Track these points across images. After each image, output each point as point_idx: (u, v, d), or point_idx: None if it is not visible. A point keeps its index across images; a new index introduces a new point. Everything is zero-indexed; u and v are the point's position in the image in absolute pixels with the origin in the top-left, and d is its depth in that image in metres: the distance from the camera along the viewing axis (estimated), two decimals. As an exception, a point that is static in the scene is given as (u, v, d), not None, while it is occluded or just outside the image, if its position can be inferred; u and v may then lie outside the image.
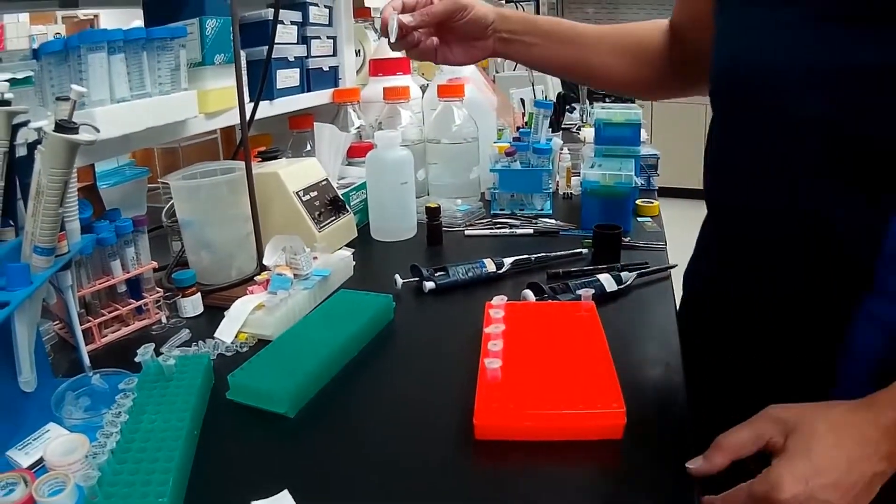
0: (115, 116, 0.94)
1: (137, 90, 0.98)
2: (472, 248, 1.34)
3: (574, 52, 1.06)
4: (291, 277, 1.03)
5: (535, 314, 0.90)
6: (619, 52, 1.05)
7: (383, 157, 1.34)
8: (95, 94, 0.92)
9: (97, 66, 0.91)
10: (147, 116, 0.99)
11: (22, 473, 0.66)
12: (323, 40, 1.54)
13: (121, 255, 1.02)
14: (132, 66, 0.97)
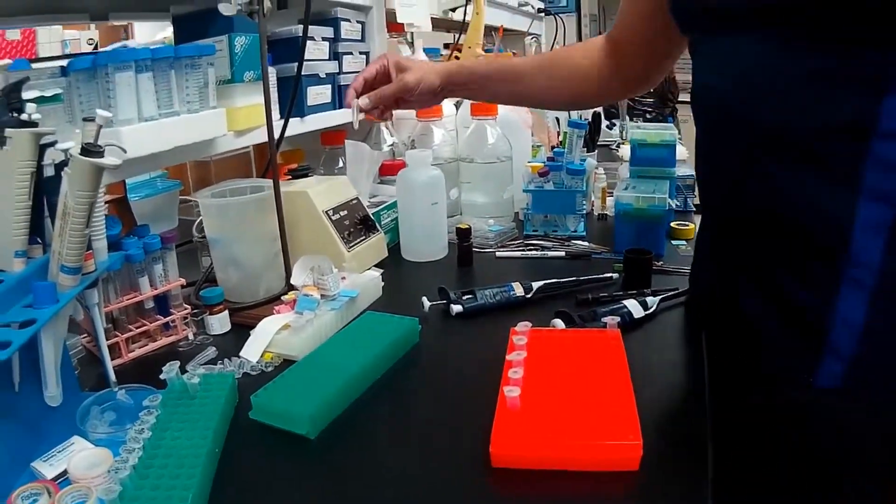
0: (143, 135, 0.99)
1: (166, 108, 1.03)
2: (503, 270, 1.37)
3: (513, 88, 1.21)
4: (318, 298, 1.07)
5: (558, 342, 0.93)
6: (556, 78, 1.18)
7: (414, 176, 1.38)
8: (123, 112, 0.97)
9: (124, 84, 0.96)
10: (175, 135, 1.04)
11: (46, 485, 0.70)
12: (355, 56, 1.59)
13: (149, 272, 1.07)
14: (160, 85, 1.02)
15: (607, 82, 1.15)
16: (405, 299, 1.21)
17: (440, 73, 1.17)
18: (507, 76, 1.20)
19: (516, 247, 1.46)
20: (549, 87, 1.19)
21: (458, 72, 1.20)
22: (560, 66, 1.19)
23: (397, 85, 1.16)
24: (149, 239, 1.06)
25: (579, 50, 1.20)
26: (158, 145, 1.02)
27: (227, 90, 1.19)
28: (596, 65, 1.15)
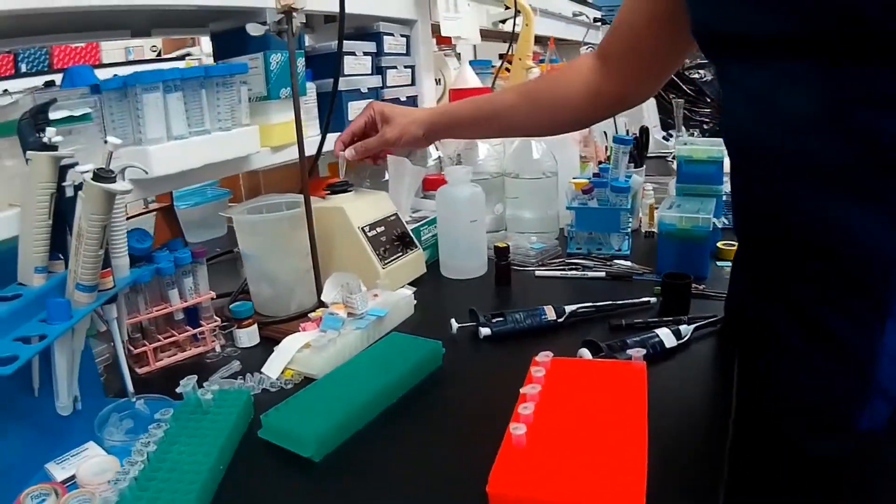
0: (170, 154, 1.00)
1: (196, 127, 1.05)
2: (541, 289, 1.35)
3: (500, 125, 1.24)
4: (343, 317, 1.06)
5: (580, 373, 0.90)
6: (543, 107, 1.19)
7: (453, 193, 1.37)
8: (151, 132, 0.98)
9: (152, 105, 0.98)
10: (204, 153, 1.05)
11: (55, 486, 0.74)
12: (400, 70, 1.59)
13: (178, 285, 1.08)
14: (191, 104, 1.03)
15: (600, 100, 1.13)
16: (437, 318, 1.20)
17: (422, 123, 1.23)
18: (491, 115, 1.22)
19: (557, 266, 1.44)
20: (536, 117, 1.20)
21: (440, 120, 1.25)
22: (544, 94, 1.19)
23: (379, 140, 1.24)
24: (180, 253, 1.07)
25: (566, 72, 1.19)
26: (187, 163, 1.03)
27: (262, 107, 1.20)
28: (586, 85, 1.13)
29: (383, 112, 1.23)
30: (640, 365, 0.89)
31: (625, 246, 1.51)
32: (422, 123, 1.22)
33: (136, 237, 1.06)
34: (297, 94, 1.06)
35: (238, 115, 1.11)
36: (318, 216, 1.23)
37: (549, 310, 1.14)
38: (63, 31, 1.19)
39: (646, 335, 1.03)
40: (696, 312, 1.14)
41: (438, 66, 1.87)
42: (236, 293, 1.27)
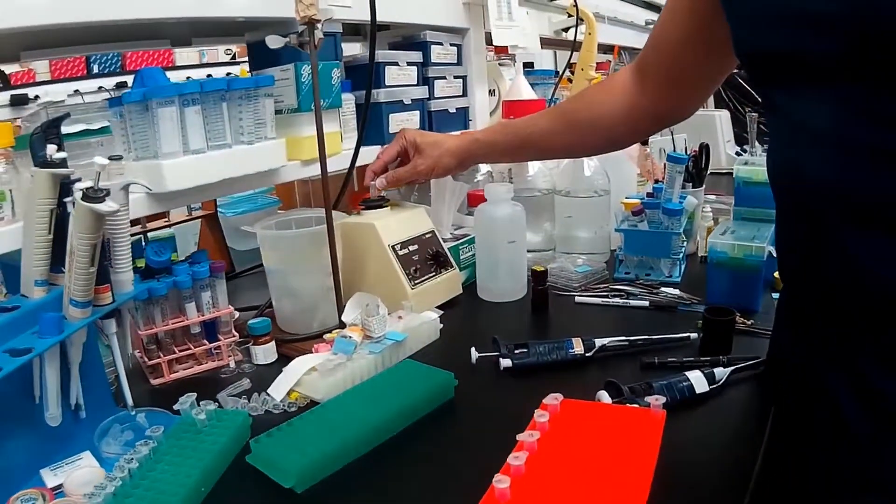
0: (185, 169, 0.99)
1: (216, 140, 1.03)
2: (578, 317, 1.28)
3: (534, 150, 1.24)
4: (356, 341, 1.03)
5: (591, 419, 0.84)
6: (580, 129, 1.17)
7: (492, 212, 1.32)
8: (166, 146, 0.97)
9: (167, 119, 0.96)
10: (223, 167, 1.03)
11: (43, 492, 0.75)
12: (449, 80, 1.55)
13: (196, 299, 1.08)
14: (211, 117, 1.02)
15: (638, 118, 1.10)
16: (462, 344, 1.14)
17: (455, 154, 1.25)
18: (526, 140, 1.21)
19: (600, 292, 1.37)
20: (573, 138, 1.19)
21: (474, 148, 1.26)
22: (581, 115, 1.17)
23: (410, 171, 1.26)
24: (198, 267, 1.06)
25: (601, 90, 1.15)
26: (203, 178, 1.01)
27: (293, 119, 1.18)
28: (622, 102, 1.09)
29: (415, 142, 1.23)
30: (660, 413, 0.83)
31: (676, 272, 1.44)
32: (454, 154, 1.23)
33: (155, 249, 1.06)
34: (319, 107, 1.03)
35: (262, 128, 1.09)
36: (349, 232, 1.20)
37: (577, 343, 1.08)
38: (105, 41, 1.20)
39: (674, 378, 0.96)
40: (741, 351, 1.06)
41: (493, 77, 1.82)
42: (262, 308, 1.25)
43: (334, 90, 1.22)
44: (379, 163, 1.26)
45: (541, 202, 1.51)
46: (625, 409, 0.88)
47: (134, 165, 1.00)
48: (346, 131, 1.32)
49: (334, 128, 1.26)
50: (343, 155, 1.29)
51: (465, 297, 1.36)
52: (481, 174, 1.61)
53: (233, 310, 1.12)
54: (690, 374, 0.96)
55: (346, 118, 1.32)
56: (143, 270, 1.04)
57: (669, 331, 1.13)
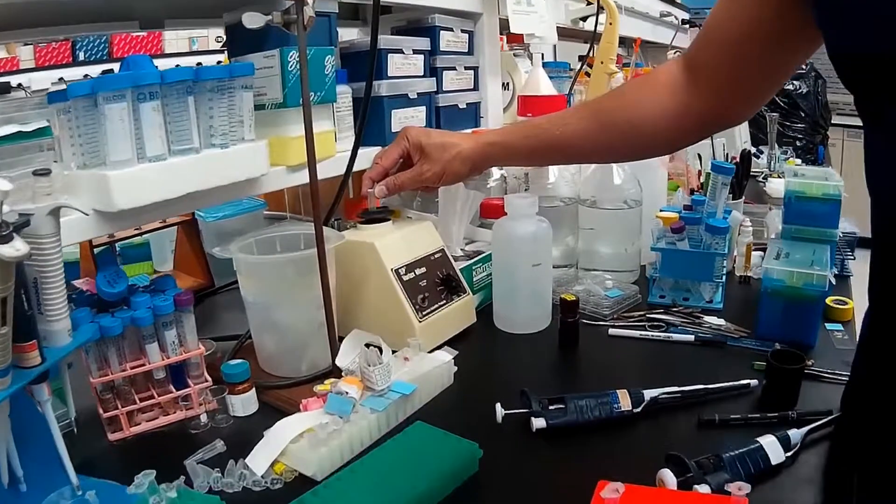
0: (140, 181, 0.76)
1: (180, 144, 0.80)
2: (614, 355, 1.08)
3: (562, 153, 1.05)
4: (355, 398, 0.81)
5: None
6: (614, 131, 0.98)
7: (513, 229, 1.10)
8: (116, 152, 0.74)
9: (116, 118, 0.73)
10: (189, 178, 0.81)
11: None
12: (459, 72, 1.32)
13: (159, 338, 0.87)
14: (174, 115, 0.79)
15: (688, 121, 0.93)
16: (481, 391, 0.96)
17: (467, 158, 1.05)
18: (554, 142, 1.00)
19: (635, 321, 1.16)
20: (610, 143, 1.00)
21: (490, 151, 1.06)
22: (619, 114, 0.97)
23: (415, 177, 1.06)
24: (160, 300, 0.84)
25: (644, 87, 0.97)
26: (164, 192, 0.79)
27: (278, 116, 0.96)
28: (670, 102, 0.92)
29: (420, 143, 1.03)
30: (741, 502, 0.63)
31: (717, 297, 1.23)
32: (466, 158, 1.03)
33: (108, 278, 0.85)
34: (308, 100, 0.80)
35: (239, 128, 0.86)
36: (345, 252, 0.98)
37: (622, 396, 0.87)
38: (68, 21, 1.02)
39: (746, 449, 0.76)
40: (805, 400, 0.89)
41: (507, 69, 1.60)
42: (241, 341, 1.03)
43: (327, 81, 0.99)
44: (377, 169, 1.05)
45: (562, 213, 1.30)
46: (702, 498, 0.67)
47: (80, 176, 0.77)
48: (341, 130, 1.10)
49: (327, 126, 1.04)
50: (338, 158, 1.07)
51: (479, 327, 1.15)
52: (494, 179, 1.39)
53: (203, 351, 0.91)
54: (764, 440, 0.78)
55: (341, 115, 1.09)
56: (96, 302, 0.85)
57: (720, 371, 0.96)
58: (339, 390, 0.81)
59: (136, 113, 0.76)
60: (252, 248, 0.97)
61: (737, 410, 0.87)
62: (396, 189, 1.05)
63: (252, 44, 0.95)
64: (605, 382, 0.92)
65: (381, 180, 1.05)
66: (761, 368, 0.96)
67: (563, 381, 0.99)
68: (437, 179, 1.05)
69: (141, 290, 0.90)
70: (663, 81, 0.92)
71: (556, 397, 0.87)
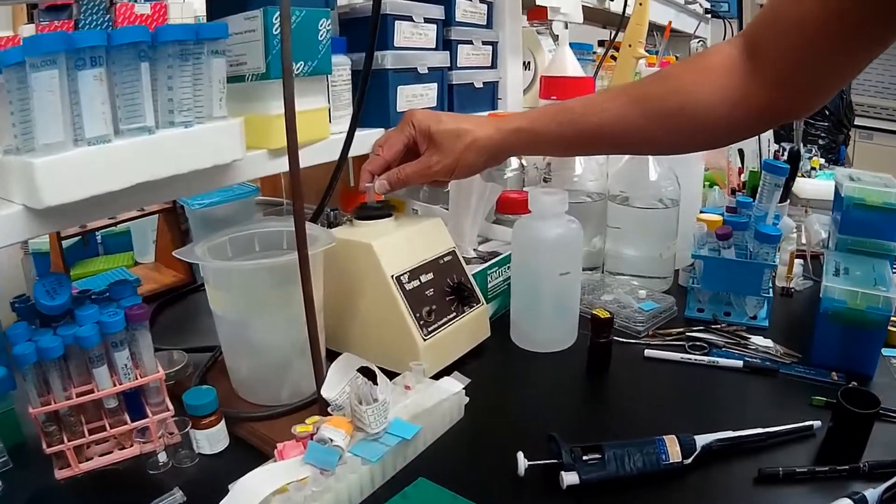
0: (74, 171, 0.58)
1: (131, 122, 0.62)
2: (651, 381, 0.91)
3: (599, 142, 0.86)
4: (342, 445, 0.64)
5: None
6: (661, 120, 0.80)
7: (538, 231, 0.92)
8: (45, 133, 0.56)
9: (44, 90, 0.55)
10: (139, 166, 0.63)
11: None
12: (476, 46, 1.14)
13: (109, 360, 0.70)
14: (124, 86, 0.61)
15: (746, 113, 0.76)
16: (498, 428, 0.79)
17: (486, 148, 0.86)
18: (589, 129, 0.83)
19: (672, 340, 0.99)
20: (657, 133, 0.81)
21: (514, 140, 0.87)
22: (668, 101, 0.79)
23: (421, 169, 0.87)
24: (109, 315, 0.67)
25: (691, 72, 0.80)
26: (106, 183, 0.60)
27: (259, 90, 0.78)
28: (726, 90, 0.76)
29: (428, 130, 0.85)
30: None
31: (762, 314, 1.06)
32: (484, 148, 0.85)
33: (47, 287, 0.69)
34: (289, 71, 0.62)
35: (207, 103, 0.68)
36: (336, 255, 0.81)
37: (671, 444, 0.70)
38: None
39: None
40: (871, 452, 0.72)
41: (529, 46, 1.41)
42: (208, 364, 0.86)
43: (321, 49, 0.81)
44: (378, 161, 0.87)
45: (588, 210, 1.12)
46: None
47: (11, 165, 0.59)
48: (337, 108, 0.92)
49: (320, 102, 0.86)
50: (332, 141, 0.89)
51: (492, 342, 0.97)
52: (511, 169, 1.21)
53: (163, 375, 0.73)
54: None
55: (337, 90, 0.91)
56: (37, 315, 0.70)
57: (774, 407, 0.84)
58: (322, 437, 0.63)
59: (72, 83, 0.58)
60: (225, 248, 0.79)
61: (798, 459, 0.72)
62: (400, 184, 0.87)
63: (233, 4, 0.77)
64: (645, 419, 0.78)
65: (383, 173, 0.87)
66: (821, 405, 0.81)
67: (595, 416, 0.82)
68: (449, 173, 0.87)
69: (91, 300, 0.73)
70: (717, 64, 0.76)
71: (591, 445, 0.69)
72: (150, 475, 0.71)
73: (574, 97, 0.94)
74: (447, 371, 0.83)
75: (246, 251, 0.81)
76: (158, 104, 0.65)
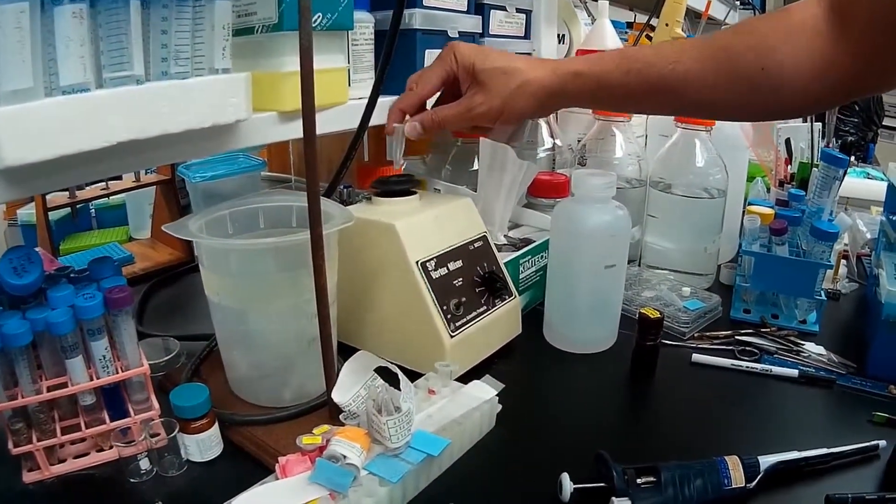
0: (43, 123, 0.47)
1: (115, 70, 0.50)
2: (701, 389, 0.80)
3: (666, 98, 0.72)
4: (356, 465, 0.53)
5: None
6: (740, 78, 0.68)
7: (581, 216, 0.82)
8: (9, 79, 0.45)
9: (10, 26, 0.44)
10: (122, 122, 0.51)
11: None
12: (510, 14, 1.03)
13: (86, 350, 0.60)
14: (108, 27, 0.49)
15: (833, 78, 0.65)
16: (535, 442, 0.68)
17: (538, 92, 0.73)
18: (659, 86, 0.71)
19: (721, 342, 0.88)
20: (732, 92, 0.69)
21: (572, 85, 0.73)
22: (746, 58, 0.68)
23: (461, 111, 0.74)
24: (84, 299, 0.57)
25: (773, 29, 0.68)
26: (83, 140, 0.49)
27: (270, 44, 0.67)
28: (811, 52, 0.65)
29: (472, 67, 0.72)
30: None
31: (812, 318, 0.95)
32: (536, 92, 0.72)
33: (14, 262, 0.58)
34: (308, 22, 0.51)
35: (208, 52, 0.56)
36: (352, 237, 0.70)
37: (733, 466, 0.60)
38: None
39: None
40: None
41: (564, 18, 1.30)
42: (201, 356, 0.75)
43: (342, 2, 0.69)
44: (411, 97, 0.75)
45: (628, 197, 1.01)
46: None
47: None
48: (357, 71, 0.81)
49: (338, 62, 0.74)
50: (351, 106, 0.78)
51: (523, 340, 0.86)
52: (544, 149, 1.09)
53: (147, 369, 0.63)
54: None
55: (358, 50, 0.80)
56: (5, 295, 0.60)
57: (832, 422, 0.76)
58: (334, 454, 0.52)
59: (46, 21, 0.47)
60: (225, 224, 0.68)
61: (865, 483, 0.64)
62: (436, 127, 0.75)
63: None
64: (698, 434, 0.71)
65: (416, 114, 0.75)
66: (882, 421, 0.73)
67: (643, 429, 0.72)
68: (493, 118, 0.74)
69: (70, 279, 0.62)
70: (801, 24, 0.65)
71: (645, 467, 0.59)
72: (131, 483, 0.61)
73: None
74: (474, 373, 0.73)
75: (249, 228, 0.70)
76: (150, 51, 0.54)
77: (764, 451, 0.62)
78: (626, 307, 0.92)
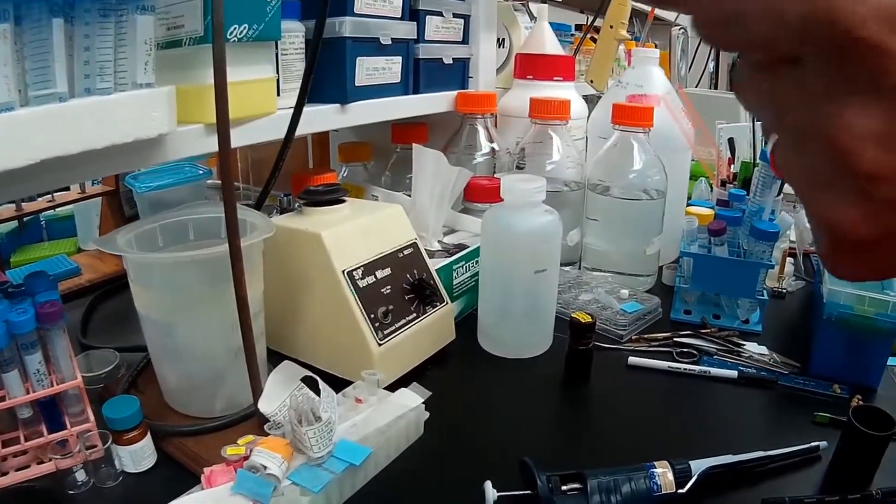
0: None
1: (39, 88, 0.52)
2: (636, 393, 0.83)
3: None
4: (278, 475, 0.55)
5: None
6: None
7: (511, 222, 0.84)
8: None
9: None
10: (46, 140, 0.52)
11: None
12: (447, 19, 1.05)
13: (21, 363, 0.62)
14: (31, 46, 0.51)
15: None
16: (462, 450, 0.70)
17: None
18: None
19: (659, 345, 0.91)
20: None
21: None
22: None
23: None
24: (17, 314, 0.60)
25: None
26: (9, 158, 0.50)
27: (197, 56, 0.69)
28: None
29: None
30: None
31: (755, 317, 0.99)
32: None
33: None
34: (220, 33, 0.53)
35: (131, 67, 0.58)
36: (280, 246, 0.72)
37: (662, 472, 0.63)
38: None
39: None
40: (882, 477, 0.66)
41: (504, 22, 1.32)
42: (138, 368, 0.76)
43: (269, 11, 0.72)
44: None
45: (566, 200, 1.05)
46: None
47: None
48: (287, 80, 0.82)
49: (265, 72, 0.76)
50: (280, 116, 0.79)
51: (457, 346, 0.88)
52: (482, 153, 1.12)
53: (81, 382, 0.64)
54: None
55: (288, 60, 0.82)
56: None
57: (773, 423, 0.78)
58: (254, 464, 0.54)
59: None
60: (155, 237, 0.69)
61: (804, 485, 0.65)
62: None
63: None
64: (631, 439, 0.72)
65: None
66: (825, 421, 0.75)
67: (574, 436, 0.74)
68: None
69: (7, 294, 0.64)
70: None
71: (571, 473, 0.61)
72: (69, 495, 0.63)
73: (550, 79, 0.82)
74: (405, 380, 0.75)
75: (179, 240, 0.72)
76: (75, 68, 0.55)
77: (700, 455, 0.64)
78: (564, 311, 0.95)
